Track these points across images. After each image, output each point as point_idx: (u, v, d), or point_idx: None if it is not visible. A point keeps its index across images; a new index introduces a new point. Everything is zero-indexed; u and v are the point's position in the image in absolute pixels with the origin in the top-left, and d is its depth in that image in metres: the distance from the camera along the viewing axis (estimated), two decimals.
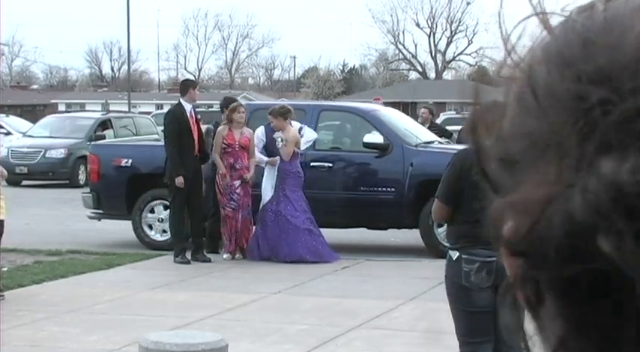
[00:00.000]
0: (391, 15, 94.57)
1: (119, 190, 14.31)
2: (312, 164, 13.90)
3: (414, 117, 18.50)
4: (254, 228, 13.32)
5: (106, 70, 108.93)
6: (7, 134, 32.11)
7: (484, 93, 0.72)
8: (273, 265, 12.80)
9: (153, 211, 14.35)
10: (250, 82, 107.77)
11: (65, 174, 25.68)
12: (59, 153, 25.64)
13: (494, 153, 0.68)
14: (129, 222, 14.71)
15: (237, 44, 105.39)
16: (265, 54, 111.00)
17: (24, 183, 25.50)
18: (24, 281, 11.48)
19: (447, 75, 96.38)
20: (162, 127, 14.06)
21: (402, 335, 9.09)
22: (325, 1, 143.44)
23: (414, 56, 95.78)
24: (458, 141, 15.75)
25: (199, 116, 13.57)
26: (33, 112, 66.57)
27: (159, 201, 14.30)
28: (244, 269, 12.68)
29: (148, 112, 45.77)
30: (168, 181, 13.10)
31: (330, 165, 14.03)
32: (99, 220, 15.06)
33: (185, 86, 13.56)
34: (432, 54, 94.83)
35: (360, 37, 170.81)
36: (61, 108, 71.38)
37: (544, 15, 0.68)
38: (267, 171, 13.24)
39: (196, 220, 13.20)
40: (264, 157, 13.29)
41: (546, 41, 0.67)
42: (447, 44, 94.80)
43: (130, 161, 14.44)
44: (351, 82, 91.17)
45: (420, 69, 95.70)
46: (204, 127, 13.92)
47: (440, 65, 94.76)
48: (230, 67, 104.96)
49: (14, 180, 24.09)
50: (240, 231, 13.28)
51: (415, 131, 14.75)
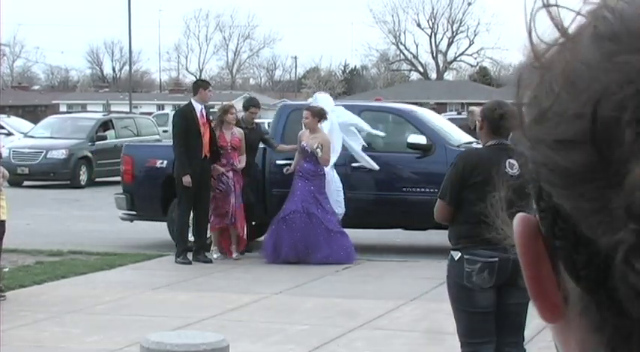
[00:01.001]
0: (392, 15, 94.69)
1: (154, 191, 14.16)
2: (352, 165, 13.85)
3: None
4: (271, 229, 13.11)
5: (108, 71, 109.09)
6: (9, 135, 32.16)
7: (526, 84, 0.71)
8: (274, 265, 12.80)
9: None
10: (251, 82, 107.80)
11: (66, 174, 25.68)
12: (60, 154, 25.65)
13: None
14: (128, 223, 14.72)
15: (238, 45, 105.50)
16: (266, 54, 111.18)
17: (25, 183, 25.51)
18: (25, 281, 11.49)
19: (449, 75, 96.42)
20: (171, 127, 14.01)
21: (404, 335, 9.09)
22: (326, 2, 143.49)
23: (415, 56, 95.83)
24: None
25: (211, 117, 13.42)
26: (34, 113, 66.66)
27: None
28: (245, 270, 12.68)
29: (149, 113, 45.90)
30: (176, 181, 13.08)
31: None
32: (131, 222, 14.94)
33: (196, 86, 13.60)
34: (433, 54, 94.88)
35: (361, 37, 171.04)
36: (63, 108, 71.42)
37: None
38: (329, 177, 13.19)
39: (200, 221, 13.16)
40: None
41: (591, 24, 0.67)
42: (448, 44, 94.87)
43: (165, 162, 14.29)
44: (352, 82, 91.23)
45: (422, 69, 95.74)
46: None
47: (441, 65, 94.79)
48: (231, 67, 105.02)
49: (15, 180, 24.09)
50: (232, 217, 13.24)
51: (453, 131, 14.72)
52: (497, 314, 6.20)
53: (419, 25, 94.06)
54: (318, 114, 13.12)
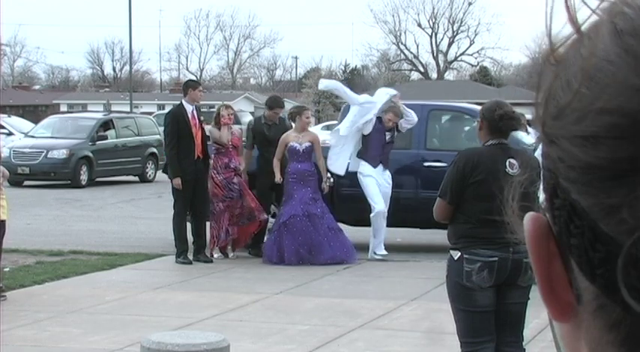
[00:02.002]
0: (393, 15, 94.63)
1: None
2: (425, 164, 13.82)
3: None
4: (273, 233, 13.01)
5: (108, 71, 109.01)
6: (9, 134, 32.16)
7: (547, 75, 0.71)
8: (274, 265, 12.80)
9: None
10: (252, 82, 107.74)
11: (67, 174, 25.67)
12: (61, 154, 25.64)
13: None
14: (129, 223, 14.71)
15: (238, 44, 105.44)
16: (267, 54, 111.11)
17: (26, 183, 25.51)
18: (26, 281, 11.49)
19: (449, 75, 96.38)
20: (164, 128, 14.01)
21: (404, 335, 9.09)
22: (327, 2, 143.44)
23: (415, 56, 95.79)
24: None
25: (202, 117, 13.40)
26: (35, 113, 66.65)
27: None
28: (246, 270, 12.69)
29: (149, 113, 45.80)
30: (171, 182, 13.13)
31: (445, 164, 13.89)
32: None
33: (185, 87, 13.56)
34: (434, 54, 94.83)
35: (362, 37, 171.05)
36: (63, 108, 71.38)
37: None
38: (379, 172, 13.12)
39: (199, 221, 13.18)
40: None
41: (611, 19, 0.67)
42: (449, 44, 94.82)
43: None
44: (353, 82, 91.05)
45: (422, 69, 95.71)
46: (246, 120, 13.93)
47: (442, 65, 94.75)
48: (232, 67, 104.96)
49: (16, 180, 24.12)
50: (248, 217, 13.27)
51: (518, 132, 14.63)
52: (496, 314, 6.20)
53: (419, 25, 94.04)
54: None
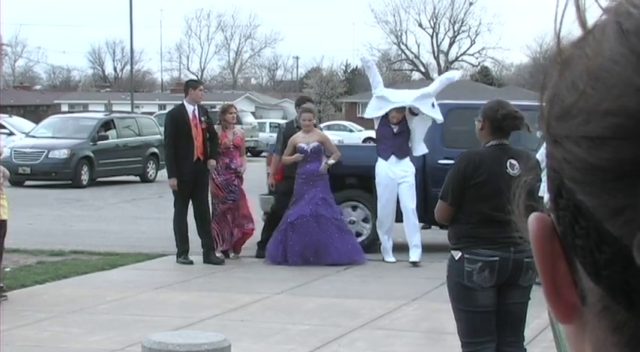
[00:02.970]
0: (394, 15, 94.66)
1: None
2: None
3: None
4: (279, 233, 12.83)
5: (109, 71, 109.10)
6: (10, 134, 32.17)
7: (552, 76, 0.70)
8: (275, 265, 12.79)
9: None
10: (253, 82, 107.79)
11: (68, 174, 25.68)
12: (62, 154, 25.65)
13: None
14: (130, 223, 14.71)
15: (239, 44, 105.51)
16: (268, 54, 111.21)
17: (27, 183, 25.52)
18: (27, 281, 11.49)
19: None
20: (164, 128, 13.98)
21: (405, 335, 9.09)
22: (328, 2, 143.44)
23: (416, 56, 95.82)
24: None
25: (203, 118, 13.10)
26: (36, 113, 66.71)
27: (350, 202, 13.86)
28: (247, 270, 12.68)
29: (150, 113, 45.82)
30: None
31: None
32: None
33: (186, 87, 13.42)
34: (435, 54, 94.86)
35: (363, 37, 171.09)
36: (64, 108, 71.45)
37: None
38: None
39: (203, 222, 13.10)
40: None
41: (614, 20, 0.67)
42: (450, 44, 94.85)
43: None
44: (354, 82, 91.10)
45: (423, 69, 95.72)
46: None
47: (443, 65, 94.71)
48: (233, 67, 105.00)
49: (17, 180, 24.13)
50: (243, 221, 13.28)
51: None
52: (497, 314, 6.20)
53: (420, 25, 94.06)
54: (314, 113, 13.26)
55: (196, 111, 13.00)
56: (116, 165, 26.99)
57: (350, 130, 49.82)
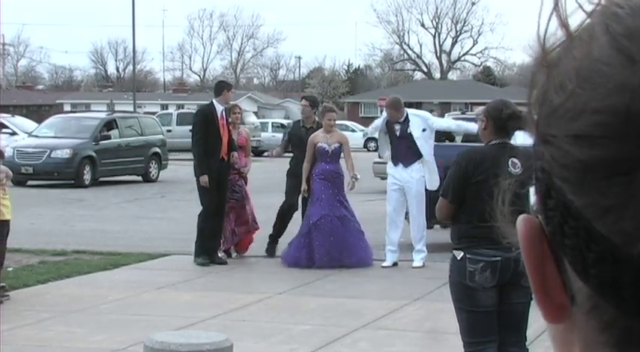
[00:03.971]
0: (396, 15, 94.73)
1: None
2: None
3: None
4: (302, 235, 12.67)
5: (112, 70, 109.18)
6: (13, 134, 32.19)
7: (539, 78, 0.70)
8: (277, 265, 12.80)
9: None
10: (255, 82, 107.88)
11: (70, 174, 25.70)
12: (64, 154, 25.66)
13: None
14: (130, 223, 14.71)
15: (242, 44, 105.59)
16: (270, 54, 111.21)
17: (29, 183, 25.54)
18: (29, 281, 11.50)
19: (452, 75, 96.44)
20: (192, 126, 13.76)
21: (407, 335, 9.09)
22: (330, 2, 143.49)
23: (418, 56, 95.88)
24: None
25: (230, 119, 13.12)
26: (38, 112, 66.71)
27: None
28: (249, 270, 12.69)
29: (153, 112, 45.87)
30: (196, 181, 12.97)
31: None
32: (431, 227, 13.68)
33: (220, 87, 13.32)
34: (437, 54, 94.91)
35: (365, 37, 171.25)
36: (67, 108, 71.42)
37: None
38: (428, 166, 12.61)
39: (217, 222, 13.07)
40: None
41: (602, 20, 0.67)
42: (452, 44, 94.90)
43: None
44: (356, 82, 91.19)
45: (425, 69, 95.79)
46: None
47: (445, 65, 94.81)
48: (235, 67, 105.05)
49: (20, 180, 24.12)
50: (247, 223, 13.29)
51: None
52: (500, 314, 6.20)
53: (423, 25, 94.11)
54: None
55: (224, 112, 13.02)
56: (118, 164, 27.00)
57: (352, 130, 49.79)
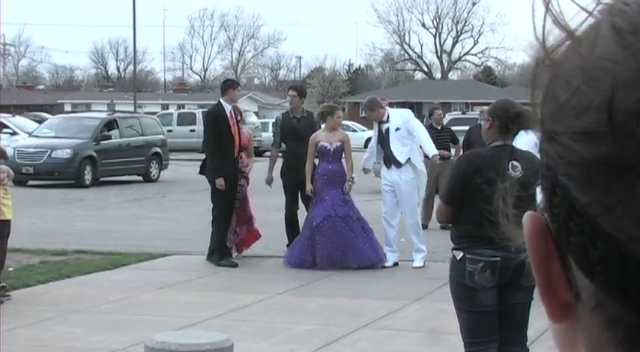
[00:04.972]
0: (397, 15, 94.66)
1: None
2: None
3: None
4: (305, 238, 12.59)
5: (112, 70, 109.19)
6: (13, 134, 32.19)
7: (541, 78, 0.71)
8: (278, 265, 12.80)
9: None
10: (256, 82, 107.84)
11: (71, 174, 25.70)
12: (65, 154, 25.66)
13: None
14: (131, 222, 14.71)
15: (242, 44, 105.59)
16: (271, 54, 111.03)
17: (30, 183, 25.53)
18: (30, 280, 11.50)
19: (453, 75, 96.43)
20: (203, 127, 13.60)
21: (408, 335, 9.10)
22: (331, 2, 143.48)
23: (419, 56, 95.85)
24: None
25: (239, 117, 13.06)
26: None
27: None
28: (250, 270, 12.69)
29: (153, 112, 45.89)
30: (210, 183, 12.87)
31: None
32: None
33: (225, 86, 13.23)
34: (438, 54, 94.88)
35: (366, 37, 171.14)
36: (67, 108, 71.46)
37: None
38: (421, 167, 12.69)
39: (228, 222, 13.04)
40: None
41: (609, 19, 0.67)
42: (453, 44, 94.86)
43: None
44: (357, 82, 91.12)
45: (426, 69, 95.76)
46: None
47: (445, 65, 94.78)
48: (236, 67, 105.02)
49: (20, 180, 24.09)
50: (247, 222, 13.29)
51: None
52: (500, 314, 6.20)
53: (423, 25, 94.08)
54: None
55: (232, 111, 12.94)
56: (119, 164, 27.00)
57: (353, 130, 49.74)
